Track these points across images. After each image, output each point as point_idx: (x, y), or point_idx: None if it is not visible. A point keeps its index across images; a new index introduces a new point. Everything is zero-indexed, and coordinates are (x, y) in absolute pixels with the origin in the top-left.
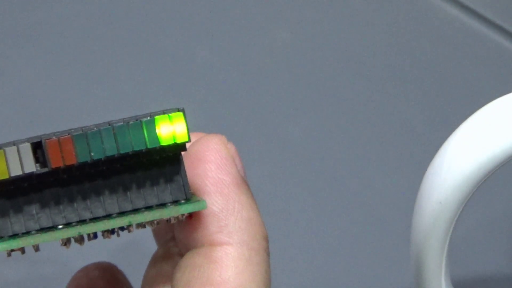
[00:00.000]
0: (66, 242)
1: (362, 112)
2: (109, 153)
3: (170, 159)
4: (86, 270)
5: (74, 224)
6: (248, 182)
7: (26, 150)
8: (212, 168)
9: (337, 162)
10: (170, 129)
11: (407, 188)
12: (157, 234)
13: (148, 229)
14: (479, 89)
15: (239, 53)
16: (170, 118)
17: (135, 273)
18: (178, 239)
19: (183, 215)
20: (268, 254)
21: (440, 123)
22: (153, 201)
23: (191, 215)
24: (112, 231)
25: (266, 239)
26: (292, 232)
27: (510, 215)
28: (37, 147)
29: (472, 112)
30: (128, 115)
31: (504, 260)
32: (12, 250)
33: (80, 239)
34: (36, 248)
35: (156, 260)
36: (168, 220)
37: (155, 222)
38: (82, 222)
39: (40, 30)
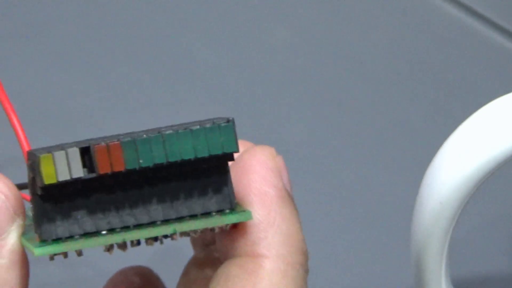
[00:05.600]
0: (109, 248)
1: (362, 112)
2: (158, 160)
3: (217, 168)
4: (124, 272)
5: (118, 230)
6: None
7: (75, 155)
8: (257, 179)
9: (337, 162)
10: (218, 139)
11: (407, 188)
12: (194, 240)
13: None
14: (479, 89)
15: (238, 52)
16: (219, 128)
17: (169, 278)
18: (218, 247)
19: (227, 224)
20: (305, 270)
21: (440, 123)
22: (198, 209)
23: (235, 225)
24: (155, 239)
25: (306, 255)
26: None
27: (510, 215)
28: (85, 152)
29: (472, 112)
30: (126, 115)
31: (504, 260)
32: (55, 254)
33: (123, 246)
34: (79, 253)
35: (194, 264)
36: (212, 229)
37: (199, 231)
38: (125, 228)
39: (39, 30)
